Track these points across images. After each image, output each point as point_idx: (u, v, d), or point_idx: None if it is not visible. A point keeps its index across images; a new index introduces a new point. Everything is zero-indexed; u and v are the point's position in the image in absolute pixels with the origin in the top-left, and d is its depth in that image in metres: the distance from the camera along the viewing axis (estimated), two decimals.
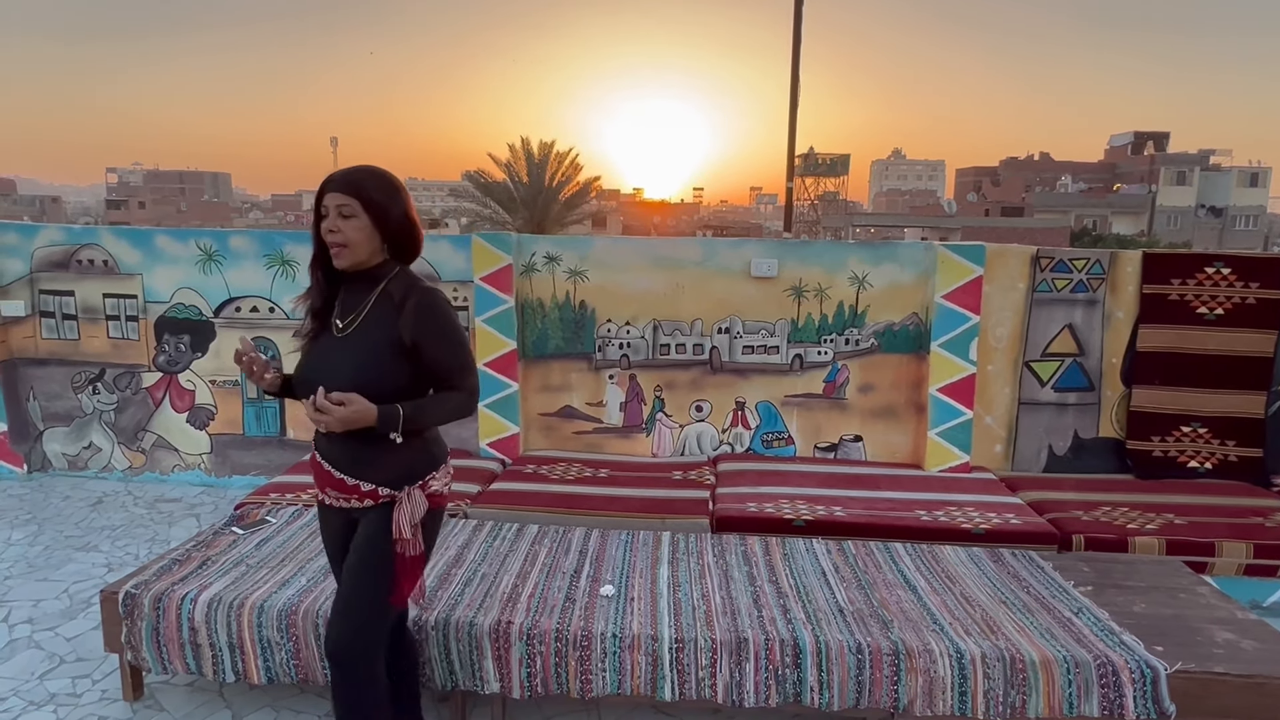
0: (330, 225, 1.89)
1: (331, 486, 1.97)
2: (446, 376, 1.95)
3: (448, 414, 1.96)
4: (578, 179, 28.77)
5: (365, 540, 1.94)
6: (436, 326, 1.93)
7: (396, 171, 1.99)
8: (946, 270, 3.96)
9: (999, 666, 2.25)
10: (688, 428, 4.32)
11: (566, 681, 2.33)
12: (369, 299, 1.94)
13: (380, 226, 1.91)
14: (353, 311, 1.95)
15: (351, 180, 1.90)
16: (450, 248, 4.28)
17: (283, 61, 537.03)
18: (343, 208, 1.88)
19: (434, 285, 2.03)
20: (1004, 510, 3.43)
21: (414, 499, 1.93)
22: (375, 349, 1.91)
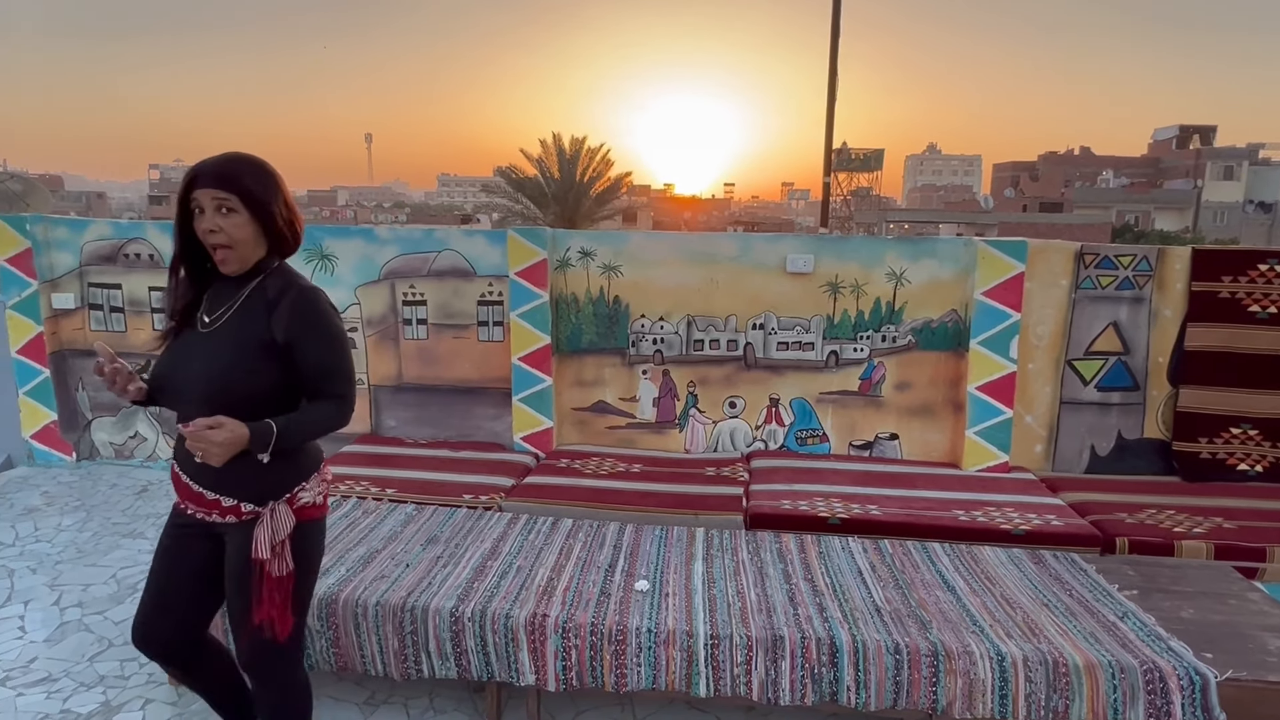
0: (209, 224, 1.73)
1: (191, 500, 1.84)
2: (319, 381, 1.82)
3: (320, 428, 1.82)
4: (609, 174, 28.84)
5: (237, 557, 1.82)
6: (313, 325, 1.80)
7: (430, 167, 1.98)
8: (987, 266, 3.89)
9: (1041, 670, 2.21)
10: (721, 424, 4.30)
11: (601, 675, 2.33)
12: (240, 294, 1.81)
13: (262, 222, 1.77)
14: (222, 306, 1.81)
15: (228, 174, 1.74)
16: (485, 243, 4.31)
17: (318, 58, 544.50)
18: (222, 204, 1.73)
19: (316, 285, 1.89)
20: (1044, 511, 3.36)
21: (278, 515, 1.79)
22: (242, 347, 1.77)
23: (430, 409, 4.48)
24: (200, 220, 1.75)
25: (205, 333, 1.81)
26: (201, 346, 1.80)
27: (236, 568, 1.83)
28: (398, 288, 4.39)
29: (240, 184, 1.74)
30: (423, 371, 4.46)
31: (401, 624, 2.39)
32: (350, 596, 2.43)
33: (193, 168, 1.76)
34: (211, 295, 1.84)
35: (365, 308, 4.44)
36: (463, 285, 4.33)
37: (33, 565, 3.47)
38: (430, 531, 2.95)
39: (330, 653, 2.44)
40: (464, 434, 4.44)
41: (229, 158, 1.78)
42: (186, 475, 1.81)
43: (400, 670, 2.43)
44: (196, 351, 1.80)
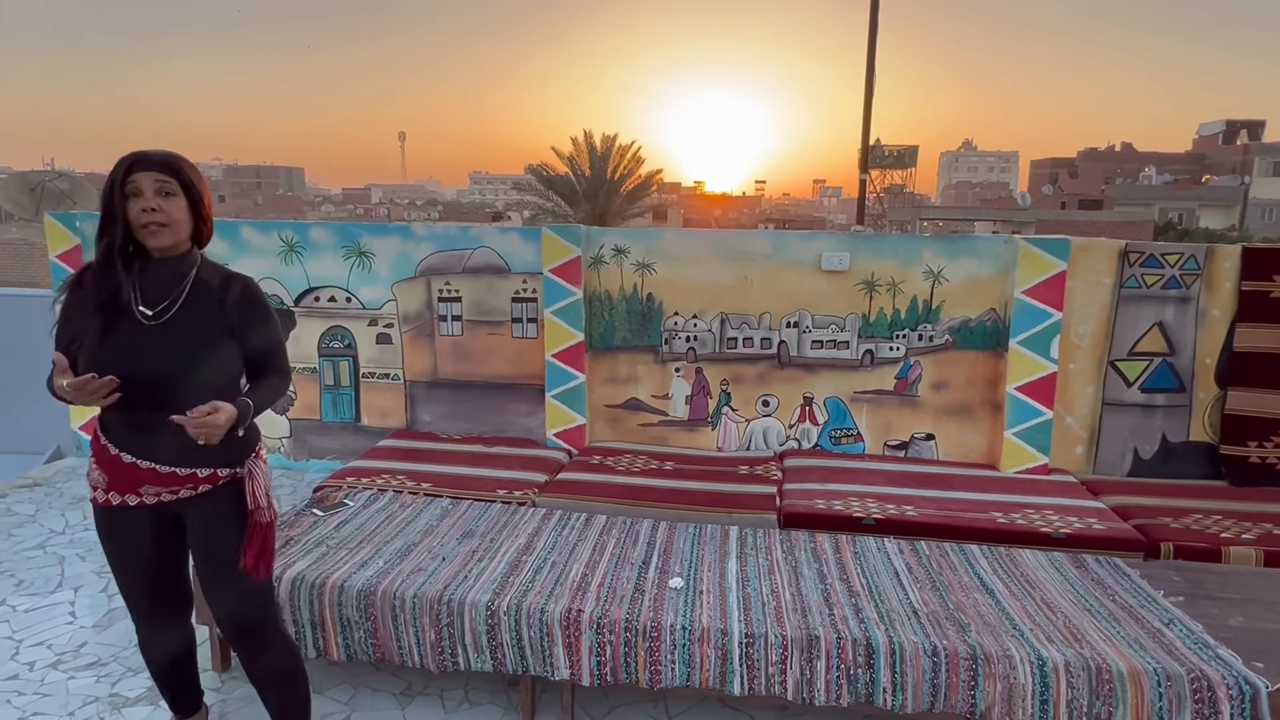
0: (149, 204, 1.83)
1: (154, 484, 1.89)
2: (267, 358, 2.01)
3: (275, 397, 2.02)
4: (639, 172, 28.81)
5: (216, 522, 1.95)
6: (261, 312, 1.98)
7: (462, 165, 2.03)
8: (1028, 264, 3.82)
9: (1083, 676, 2.17)
10: (754, 422, 4.29)
11: (636, 671, 2.34)
12: (183, 286, 1.90)
13: (194, 209, 1.90)
14: (163, 299, 1.87)
15: (169, 161, 1.86)
16: (520, 240, 4.34)
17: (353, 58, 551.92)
18: (163, 186, 1.84)
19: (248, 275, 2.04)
20: (1085, 514, 3.30)
21: (260, 468, 1.99)
22: (205, 339, 1.89)
23: (465, 404, 4.52)
24: (136, 201, 1.84)
25: (155, 325, 1.86)
26: (158, 341, 1.86)
27: (213, 530, 1.96)
28: (434, 284, 4.44)
29: (181, 173, 1.87)
30: (458, 367, 4.50)
31: (438, 616, 2.42)
32: (388, 588, 2.47)
33: (131, 155, 1.86)
34: (139, 286, 1.88)
35: (401, 304, 4.49)
36: (497, 282, 4.37)
37: (81, 553, 3.57)
38: (465, 526, 2.98)
39: (369, 644, 2.48)
40: (498, 430, 4.48)
41: (168, 151, 1.89)
42: (148, 460, 1.88)
43: (437, 662, 2.46)
44: (154, 346, 1.85)
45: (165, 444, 1.86)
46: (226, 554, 1.96)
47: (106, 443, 1.91)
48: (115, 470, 1.91)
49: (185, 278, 1.92)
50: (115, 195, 1.84)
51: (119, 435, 1.89)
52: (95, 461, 1.94)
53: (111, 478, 1.92)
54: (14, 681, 2.62)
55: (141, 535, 1.96)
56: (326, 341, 4.61)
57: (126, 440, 1.89)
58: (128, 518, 1.94)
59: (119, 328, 1.85)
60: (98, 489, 1.94)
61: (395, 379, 4.58)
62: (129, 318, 1.86)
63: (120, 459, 1.89)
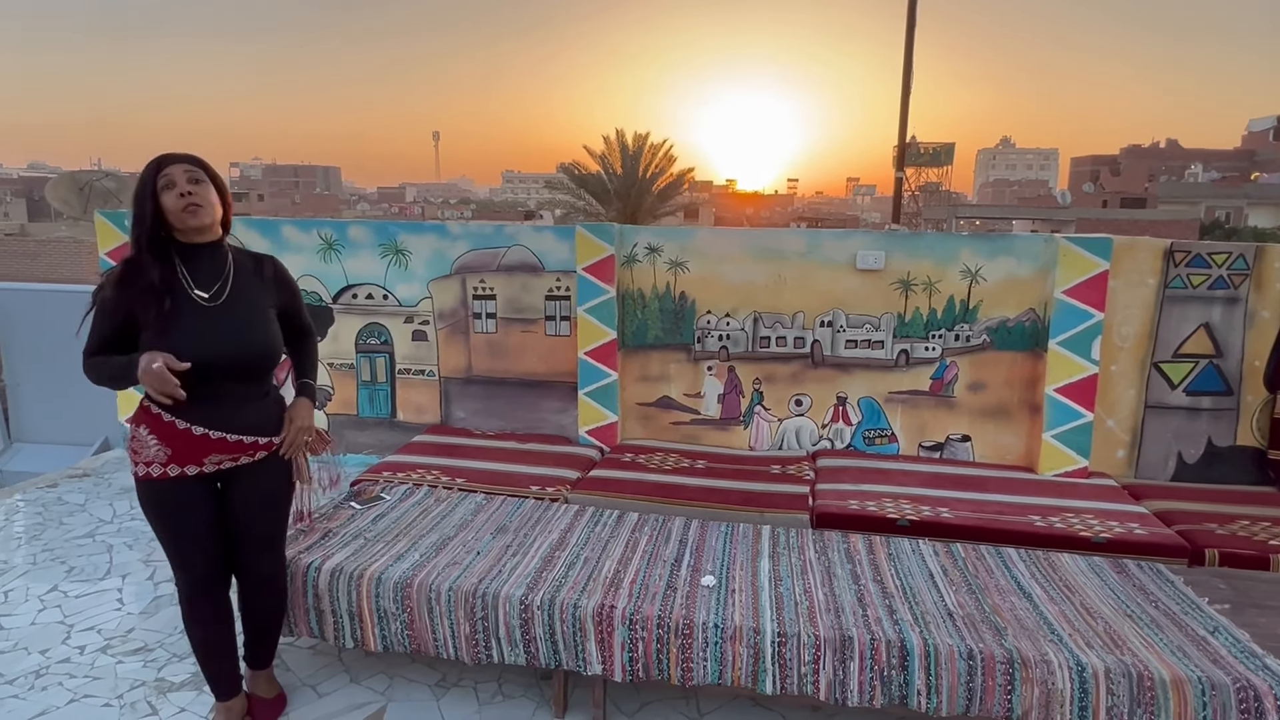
0: (184, 189, 2.03)
1: (221, 452, 2.13)
2: (300, 321, 2.37)
3: (316, 358, 2.46)
4: (671, 170, 28.77)
5: (268, 484, 2.27)
6: (292, 282, 2.33)
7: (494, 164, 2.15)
8: (1068, 264, 3.75)
9: (1124, 683, 2.13)
10: (786, 422, 4.27)
11: (668, 668, 2.35)
12: (226, 268, 2.14)
13: (220, 195, 2.13)
14: (213, 283, 2.10)
15: (193, 157, 2.11)
16: (554, 238, 4.37)
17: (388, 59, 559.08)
18: (192, 174, 2.06)
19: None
20: (1127, 519, 3.23)
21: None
22: (262, 313, 2.17)
23: (498, 401, 4.57)
24: (171, 190, 2.03)
25: (213, 306, 2.08)
26: (221, 319, 2.08)
27: (274, 486, 2.29)
28: (468, 282, 4.49)
29: (203, 164, 2.12)
30: (491, 364, 4.55)
31: (473, 609, 2.45)
32: (424, 581, 2.51)
33: (158, 157, 2.08)
34: (187, 271, 2.08)
35: (437, 301, 4.55)
36: (531, 280, 4.40)
37: (129, 541, 3.68)
38: (499, 521, 3.01)
39: (405, 635, 2.52)
40: (530, 426, 4.52)
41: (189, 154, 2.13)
42: (222, 431, 2.11)
43: (471, 654, 2.49)
44: (219, 324, 2.08)
45: (234, 415, 2.13)
46: (277, 510, 2.32)
47: (173, 418, 2.07)
48: (183, 443, 2.09)
49: (225, 261, 2.15)
50: (148, 191, 2.03)
51: (188, 410, 2.06)
52: (155, 438, 2.09)
53: (176, 450, 2.09)
54: (66, 664, 2.71)
55: (197, 502, 2.16)
56: (364, 338, 4.68)
57: (196, 413, 2.08)
58: (186, 487, 2.13)
59: (181, 311, 2.03)
60: (153, 464, 2.09)
61: (430, 375, 4.64)
62: (187, 301, 2.04)
63: (191, 431, 2.08)
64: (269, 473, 2.25)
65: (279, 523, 2.36)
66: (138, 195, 2.04)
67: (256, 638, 2.46)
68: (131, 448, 2.14)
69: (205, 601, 2.26)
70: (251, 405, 2.16)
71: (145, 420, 2.11)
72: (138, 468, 2.12)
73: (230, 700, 2.36)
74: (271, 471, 2.26)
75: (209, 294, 2.08)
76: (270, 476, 2.26)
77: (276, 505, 2.32)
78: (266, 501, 2.28)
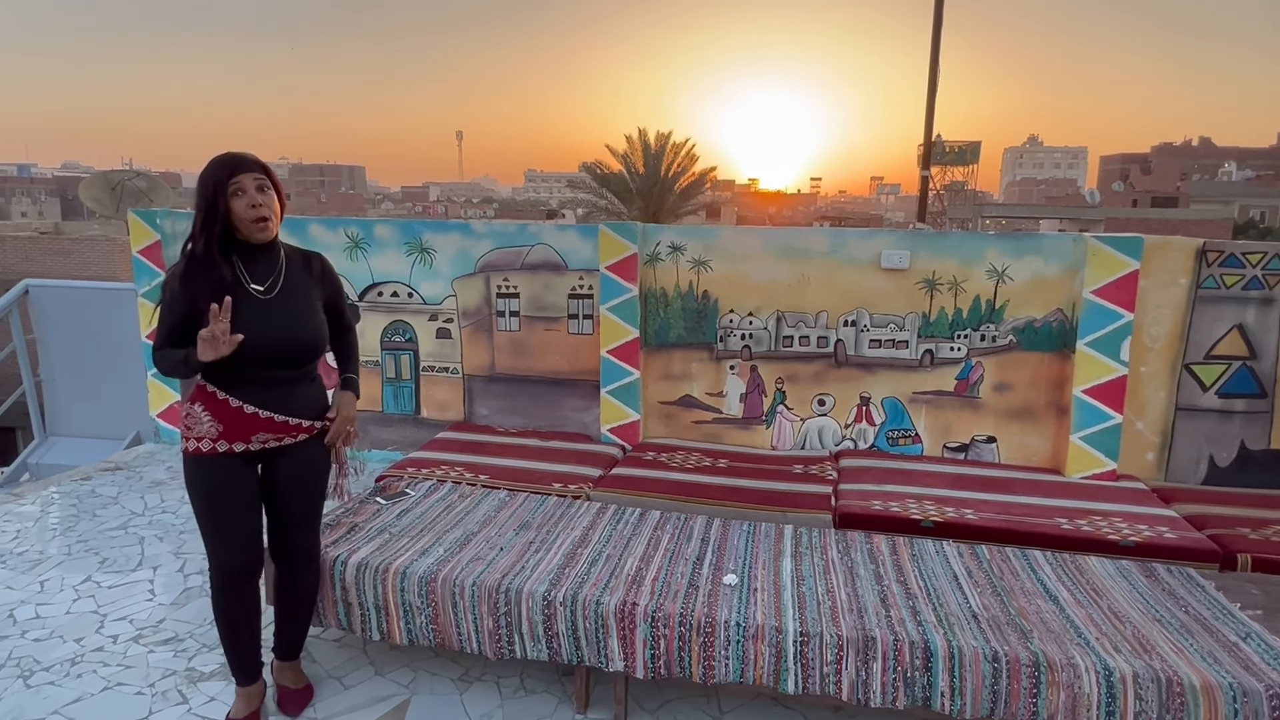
0: (254, 200, 2.14)
1: (268, 431, 2.26)
2: (343, 314, 2.47)
3: (359, 353, 2.56)
4: (693, 169, 28.73)
5: (308, 464, 2.39)
6: (337, 278, 2.44)
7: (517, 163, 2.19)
8: (1098, 263, 3.70)
9: (1153, 688, 2.10)
10: (809, 421, 4.25)
11: (689, 666, 2.35)
12: (279, 264, 2.26)
13: (280, 202, 2.24)
14: (268, 277, 2.23)
15: (259, 161, 2.19)
16: (577, 237, 4.39)
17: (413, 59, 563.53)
18: (261, 184, 2.17)
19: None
20: (1156, 523, 3.18)
21: None
22: (312, 306, 2.31)
23: (521, 399, 4.59)
24: (242, 197, 2.14)
25: (268, 299, 2.21)
26: (275, 311, 2.21)
27: (316, 467, 2.41)
28: (492, 280, 4.52)
29: (269, 170, 2.22)
30: (514, 362, 4.58)
31: (496, 605, 2.48)
32: (449, 576, 2.53)
33: (231, 158, 2.16)
34: (244, 267, 2.20)
35: (461, 299, 4.59)
36: (554, 279, 4.42)
37: (160, 534, 3.75)
38: (522, 517, 3.03)
39: (429, 629, 2.55)
40: (553, 424, 4.54)
41: (252, 155, 2.21)
42: (269, 411, 2.25)
43: (494, 649, 2.51)
44: (272, 316, 2.21)
45: (283, 398, 2.27)
46: (316, 489, 2.43)
47: (226, 396, 2.22)
48: (234, 420, 2.23)
49: (279, 257, 2.28)
50: (220, 194, 2.12)
51: (242, 390, 2.22)
52: (209, 414, 2.22)
53: (227, 427, 2.23)
54: (100, 653, 2.77)
55: (239, 478, 2.28)
56: (389, 335, 4.73)
57: (250, 394, 2.23)
58: (232, 462, 2.26)
59: (240, 303, 2.15)
60: (204, 439, 2.23)
61: (454, 373, 4.69)
62: (245, 294, 2.18)
63: (242, 410, 2.23)
64: (310, 454, 2.39)
65: (317, 503, 2.47)
66: (208, 195, 2.13)
67: (288, 624, 2.51)
68: (185, 424, 2.26)
69: (236, 584, 2.31)
70: (299, 390, 2.31)
71: (201, 398, 2.24)
72: (188, 443, 2.24)
73: (250, 686, 2.42)
74: (312, 453, 2.39)
75: (264, 287, 2.22)
76: (311, 457, 2.39)
77: (316, 485, 2.44)
78: (307, 480, 2.40)
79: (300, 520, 2.43)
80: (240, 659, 2.40)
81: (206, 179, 2.14)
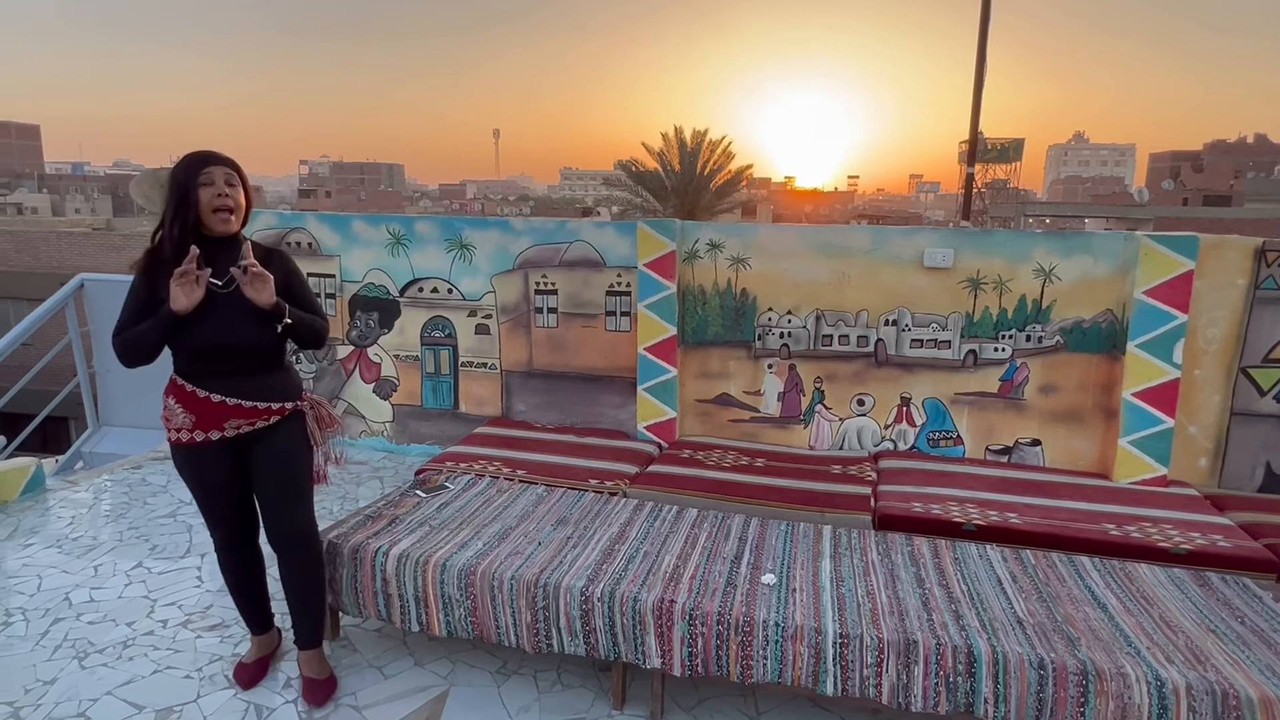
0: (222, 190, 2.26)
1: (238, 417, 2.34)
2: (309, 310, 2.46)
3: (312, 331, 2.43)
4: (729, 167, 28.60)
5: (284, 448, 2.42)
6: (300, 276, 2.47)
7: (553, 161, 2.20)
8: (1150, 263, 3.60)
9: (1207, 700, 2.03)
10: (848, 421, 4.20)
11: (727, 664, 2.34)
12: (239, 260, 2.28)
13: (247, 200, 2.35)
14: (227, 273, 2.28)
15: (229, 159, 2.31)
16: (615, 233, 4.39)
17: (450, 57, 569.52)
18: (230, 178, 2.29)
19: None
20: (1209, 530, 3.09)
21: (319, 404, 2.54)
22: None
23: (558, 395, 4.62)
24: (210, 187, 2.25)
25: (226, 295, 2.27)
26: (232, 307, 2.27)
27: (290, 448, 2.44)
28: (530, 277, 4.55)
29: (239, 168, 2.33)
30: (552, 359, 4.60)
31: (534, 599, 2.49)
32: (487, 569, 2.55)
33: (204, 153, 2.29)
34: (208, 262, 2.26)
35: (500, 296, 4.62)
36: (592, 275, 4.43)
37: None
38: (560, 513, 3.04)
39: (468, 621, 2.57)
40: (589, 421, 4.55)
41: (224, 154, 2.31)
42: (236, 398, 2.32)
43: (532, 643, 2.53)
44: (229, 311, 2.27)
45: (249, 384, 2.35)
46: (295, 466, 2.45)
47: (194, 389, 2.31)
48: (204, 410, 2.32)
49: (239, 253, 2.31)
50: (191, 184, 2.24)
51: (208, 381, 2.31)
52: (181, 407, 2.33)
53: (199, 417, 2.32)
54: (150, 637, 2.85)
55: (222, 464, 2.39)
56: (428, 331, 4.79)
57: (215, 384, 2.31)
58: (210, 451, 2.36)
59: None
60: (182, 430, 2.34)
61: (492, 368, 4.72)
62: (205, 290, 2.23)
63: (210, 399, 2.31)
64: (285, 435, 2.44)
65: (299, 479, 2.47)
66: (179, 184, 2.25)
67: (296, 611, 2.53)
68: (164, 416, 2.38)
69: (234, 552, 2.54)
70: (265, 376, 2.39)
71: (173, 392, 2.35)
72: (170, 434, 2.38)
73: (259, 636, 2.66)
74: (288, 434, 2.45)
75: (222, 283, 2.28)
76: (286, 438, 2.44)
77: (294, 463, 2.45)
78: (281, 460, 2.43)
79: (278, 499, 2.44)
80: (245, 611, 2.63)
81: (179, 170, 2.27)
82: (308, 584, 2.51)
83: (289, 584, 2.50)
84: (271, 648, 2.69)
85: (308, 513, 2.50)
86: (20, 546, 3.55)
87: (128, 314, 2.29)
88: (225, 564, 2.56)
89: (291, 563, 2.48)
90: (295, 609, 2.53)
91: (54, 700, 2.48)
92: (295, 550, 2.47)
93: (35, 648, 2.76)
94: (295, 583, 2.49)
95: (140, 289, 2.28)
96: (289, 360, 2.51)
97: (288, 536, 2.46)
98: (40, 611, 3.00)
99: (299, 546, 2.47)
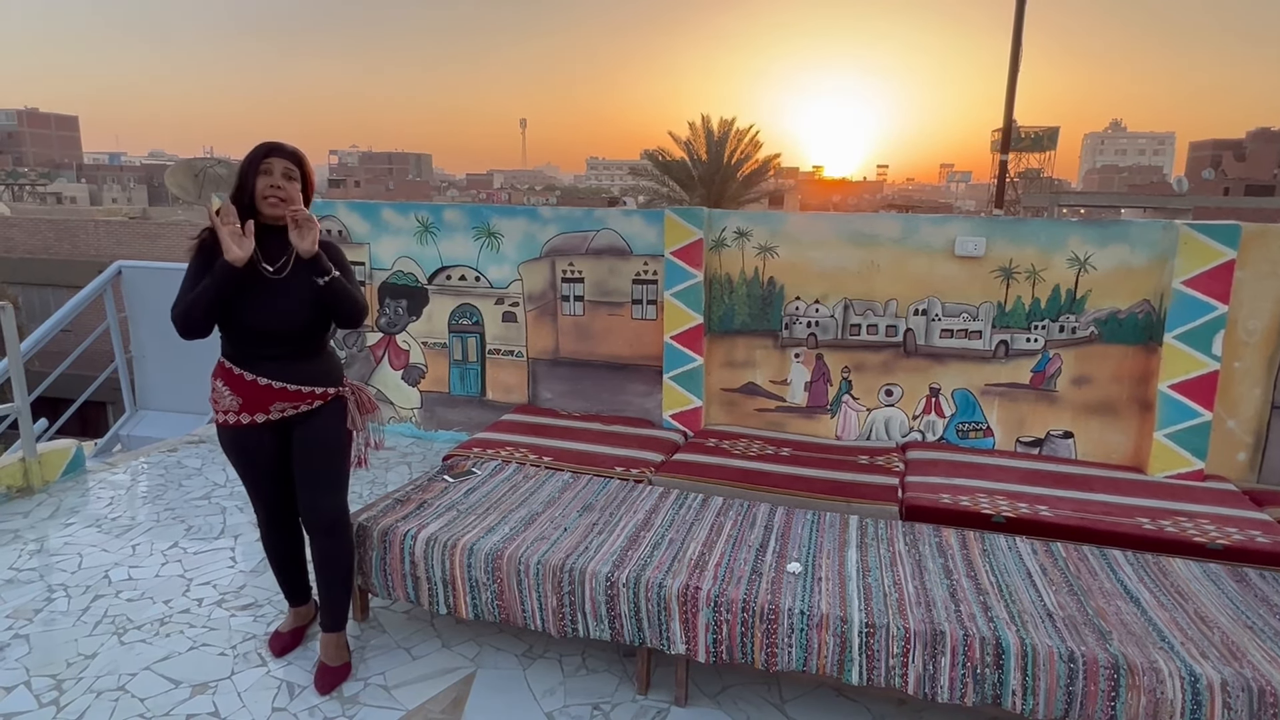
0: (277, 182, 2.34)
1: (284, 400, 2.42)
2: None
3: (351, 299, 2.42)
4: (757, 156, 28.40)
5: (324, 431, 2.49)
6: (347, 265, 2.50)
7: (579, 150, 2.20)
8: (1189, 253, 3.52)
9: (1243, 697, 2.00)
10: (875, 412, 4.17)
11: (752, 652, 2.34)
12: (291, 247, 2.35)
13: (305, 192, 2.42)
14: (279, 258, 2.37)
15: (296, 152, 2.39)
16: (642, 222, 4.38)
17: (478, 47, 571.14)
18: (289, 171, 2.37)
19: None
20: (1247, 526, 3.02)
21: (358, 391, 2.62)
22: (315, 288, 2.37)
23: (584, 383, 4.63)
24: (266, 177, 2.33)
25: (277, 280, 2.36)
26: (281, 291, 2.36)
27: (330, 432, 2.50)
28: (558, 265, 4.56)
29: (303, 162, 2.41)
30: (578, 346, 4.61)
31: (560, 584, 2.51)
32: (514, 554, 2.57)
33: (270, 144, 2.37)
34: (260, 245, 2.34)
35: (527, 283, 4.64)
36: (619, 264, 4.43)
37: (240, 505, 3.92)
38: (585, 499, 3.06)
39: (494, 605, 2.60)
40: (615, 409, 4.57)
41: (295, 147, 2.40)
42: (281, 382, 2.40)
43: (557, 627, 2.55)
44: (279, 295, 2.36)
45: (294, 369, 2.42)
46: (335, 450, 2.51)
47: (241, 371, 2.39)
48: (251, 393, 2.40)
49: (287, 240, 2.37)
50: (251, 172, 2.34)
51: (254, 365, 2.39)
52: (229, 389, 2.41)
53: (246, 400, 2.41)
54: (186, 615, 2.92)
55: (266, 446, 2.48)
56: (456, 318, 4.83)
57: (263, 368, 2.39)
58: (255, 433, 2.45)
59: (250, 281, 2.32)
60: (229, 412, 2.43)
61: (519, 356, 4.75)
62: (256, 273, 2.34)
63: (257, 382, 2.39)
64: (326, 419, 2.51)
65: (336, 464, 2.52)
66: (242, 171, 2.35)
67: (324, 592, 2.57)
68: (212, 399, 2.47)
69: (277, 527, 2.64)
70: (309, 360, 2.46)
71: (221, 375, 2.43)
72: (217, 415, 2.47)
73: (297, 607, 2.77)
74: (329, 418, 2.52)
75: (274, 268, 2.37)
76: (327, 422, 2.51)
77: (334, 447, 2.52)
78: (325, 442, 2.50)
79: (314, 482, 2.50)
80: (283, 583, 2.74)
81: (245, 159, 2.37)
82: (335, 567, 2.56)
83: (317, 565, 2.56)
84: (307, 619, 2.79)
85: (341, 498, 2.55)
86: (61, 525, 3.65)
87: (185, 289, 2.34)
88: (267, 538, 2.66)
89: (322, 545, 2.53)
90: (321, 591, 2.59)
91: (95, 674, 2.56)
92: (325, 534, 2.52)
93: (77, 623, 2.84)
94: (323, 565, 2.55)
95: (195, 265, 2.36)
96: (332, 347, 2.58)
97: (319, 520, 2.51)
98: (81, 588, 3.08)
99: (329, 530, 2.52)
